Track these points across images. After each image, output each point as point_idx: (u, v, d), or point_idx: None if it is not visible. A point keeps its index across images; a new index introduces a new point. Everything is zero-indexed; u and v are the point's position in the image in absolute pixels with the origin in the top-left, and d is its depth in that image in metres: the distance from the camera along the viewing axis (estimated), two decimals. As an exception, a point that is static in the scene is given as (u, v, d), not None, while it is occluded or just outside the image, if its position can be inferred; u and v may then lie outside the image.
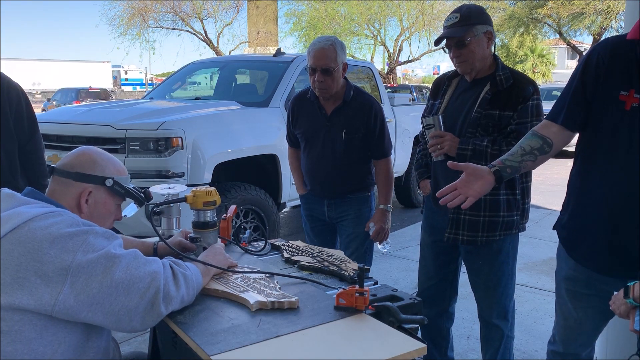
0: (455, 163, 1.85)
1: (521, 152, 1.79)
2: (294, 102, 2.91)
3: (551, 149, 1.78)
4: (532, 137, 1.80)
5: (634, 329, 1.43)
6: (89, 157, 1.50)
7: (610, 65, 1.62)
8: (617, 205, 1.67)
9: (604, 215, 1.72)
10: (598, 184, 1.72)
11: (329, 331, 1.36)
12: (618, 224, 1.69)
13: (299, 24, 23.51)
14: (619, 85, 1.60)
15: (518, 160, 1.79)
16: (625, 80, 1.59)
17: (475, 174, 1.79)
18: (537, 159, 1.79)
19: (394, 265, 4.66)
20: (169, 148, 3.81)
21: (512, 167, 1.80)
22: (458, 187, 1.78)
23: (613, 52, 1.63)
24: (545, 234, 5.41)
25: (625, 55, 1.61)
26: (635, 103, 1.57)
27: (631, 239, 1.66)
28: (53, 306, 1.21)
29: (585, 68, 1.69)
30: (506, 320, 2.43)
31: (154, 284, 1.33)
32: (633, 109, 1.57)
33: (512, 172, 1.80)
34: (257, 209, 4.37)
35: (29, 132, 2.50)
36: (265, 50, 13.22)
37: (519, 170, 1.81)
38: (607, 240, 1.72)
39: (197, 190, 1.84)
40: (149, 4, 20.62)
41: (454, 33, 2.18)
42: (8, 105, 2.43)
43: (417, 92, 16.74)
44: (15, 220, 1.26)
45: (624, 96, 1.58)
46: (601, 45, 1.68)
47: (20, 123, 2.47)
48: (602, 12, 18.56)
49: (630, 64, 1.59)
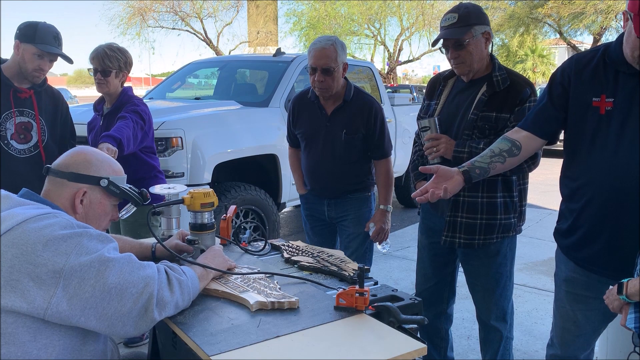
0: (426, 167, 1.93)
1: (490, 154, 1.87)
2: (294, 102, 2.90)
3: (520, 152, 1.86)
4: (502, 141, 1.89)
5: (625, 325, 1.49)
6: (84, 157, 1.49)
7: (576, 76, 1.75)
8: (606, 207, 1.71)
9: (596, 216, 1.75)
10: (584, 189, 1.76)
11: (329, 331, 1.36)
12: (611, 224, 1.72)
13: (299, 24, 23.50)
14: (590, 92, 1.71)
15: (487, 162, 1.86)
16: (595, 87, 1.70)
17: (445, 175, 1.86)
18: (505, 161, 1.87)
19: (394, 266, 4.66)
20: (168, 148, 3.81)
21: (481, 168, 1.86)
22: (429, 189, 1.84)
23: (578, 64, 1.76)
24: (545, 234, 5.40)
25: (590, 64, 1.73)
26: (609, 107, 1.67)
27: (626, 239, 1.68)
28: (46, 310, 1.20)
29: (552, 84, 1.82)
30: (505, 321, 2.42)
31: (148, 289, 1.31)
32: (608, 112, 1.67)
33: (480, 172, 1.87)
34: (257, 209, 4.37)
35: (69, 141, 2.86)
36: (265, 50, 13.23)
37: (487, 171, 1.87)
38: (603, 242, 1.74)
39: (195, 192, 1.82)
40: (148, 4, 20.61)
41: (452, 34, 2.16)
42: (59, 114, 2.82)
43: (417, 91, 16.71)
44: (9, 221, 1.25)
45: (597, 102, 1.69)
46: (566, 62, 1.82)
47: (64, 131, 2.85)
48: (603, 12, 18.53)
49: (596, 71, 1.71)
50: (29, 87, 2.69)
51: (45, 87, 2.78)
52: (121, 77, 2.92)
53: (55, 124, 2.80)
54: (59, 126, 2.83)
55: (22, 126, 2.67)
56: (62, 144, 2.82)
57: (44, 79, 2.74)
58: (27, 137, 2.68)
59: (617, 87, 1.66)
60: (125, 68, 2.91)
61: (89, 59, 2.92)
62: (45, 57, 2.60)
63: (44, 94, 2.77)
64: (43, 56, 2.59)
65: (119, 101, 2.93)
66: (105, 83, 2.87)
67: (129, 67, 2.95)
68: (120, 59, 2.88)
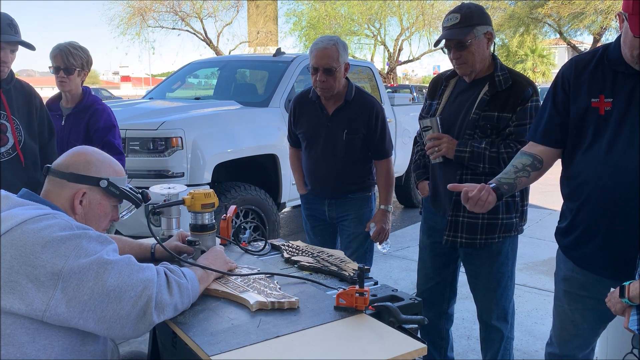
0: (454, 185, 1.93)
1: (514, 170, 1.87)
2: (295, 101, 2.90)
3: (542, 165, 1.87)
4: (523, 156, 1.89)
5: (628, 327, 1.49)
6: (84, 158, 1.48)
7: (576, 79, 1.76)
8: (602, 206, 1.72)
9: (591, 216, 1.76)
10: (581, 189, 1.77)
11: (329, 331, 1.36)
12: (606, 224, 1.73)
13: (299, 24, 23.50)
14: (589, 94, 1.72)
15: (513, 177, 1.86)
16: (594, 88, 1.71)
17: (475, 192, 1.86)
18: (530, 175, 1.86)
19: (394, 266, 4.66)
20: (168, 148, 3.81)
21: (509, 184, 1.86)
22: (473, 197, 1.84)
23: (577, 66, 1.77)
24: (546, 234, 5.40)
25: (589, 65, 1.74)
26: (607, 107, 1.68)
27: (621, 239, 1.68)
28: (44, 312, 1.20)
29: (554, 90, 1.83)
30: (506, 321, 2.42)
31: (147, 292, 1.31)
32: (607, 112, 1.68)
33: (509, 188, 1.87)
34: (257, 209, 4.36)
35: (48, 136, 2.70)
36: (265, 50, 13.22)
37: (515, 186, 1.87)
38: (599, 241, 1.75)
39: (195, 192, 1.81)
40: (148, 4, 20.61)
41: (454, 35, 2.15)
42: (34, 109, 2.61)
43: (417, 91, 16.73)
44: (8, 222, 1.24)
45: (596, 103, 1.71)
46: (566, 64, 1.83)
47: (41, 127, 2.66)
48: (603, 12, 18.53)
49: (595, 72, 1.72)
50: None
51: (14, 82, 2.54)
52: (82, 76, 2.91)
53: (31, 121, 2.60)
54: (36, 122, 2.62)
55: None
56: (41, 140, 2.65)
57: (11, 74, 2.52)
58: (2, 140, 2.48)
59: (616, 87, 1.67)
60: (87, 67, 2.91)
61: (50, 57, 2.88)
62: (5, 47, 2.35)
63: (14, 91, 2.53)
64: (3, 47, 2.34)
65: (83, 103, 2.93)
66: (68, 81, 2.86)
67: (90, 66, 2.94)
68: (83, 57, 2.87)
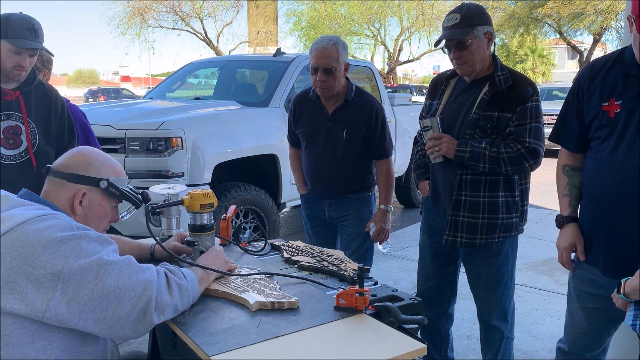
0: None
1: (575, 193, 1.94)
2: (295, 101, 2.90)
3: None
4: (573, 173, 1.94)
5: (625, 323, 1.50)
6: (84, 158, 1.47)
7: (589, 85, 1.80)
8: (603, 206, 1.75)
9: (594, 216, 1.79)
10: (594, 188, 1.79)
11: (329, 331, 1.36)
12: (608, 224, 1.75)
13: (299, 24, 23.52)
14: (600, 98, 1.76)
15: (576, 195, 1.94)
16: (604, 92, 1.75)
17: None
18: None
19: (394, 266, 4.66)
20: (168, 148, 3.81)
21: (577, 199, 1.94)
22: None
23: (592, 70, 1.82)
24: (546, 234, 5.40)
25: (604, 69, 1.77)
26: (617, 109, 1.71)
27: (622, 238, 1.69)
28: (44, 312, 1.20)
29: (573, 96, 1.89)
30: (506, 321, 2.42)
31: (147, 293, 1.30)
32: (617, 114, 1.71)
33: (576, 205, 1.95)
34: (257, 209, 4.36)
35: (68, 141, 2.67)
36: (265, 50, 13.22)
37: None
38: (603, 241, 1.77)
39: (194, 193, 1.81)
40: (148, 4, 20.62)
41: (454, 35, 2.15)
42: (53, 113, 2.59)
43: (417, 91, 16.74)
44: (8, 222, 1.24)
45: (606, 106, 1.74)
46: (583, 69, 1.90)
47: (61, 131, 2.63)
48: (603, 12, 18.54)
49: (608, 75, 1.75)
50: (14, 88, 2.44)
51: (36, 84, 2.52)
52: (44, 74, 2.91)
53: (49, 125, 2.56)
54: (55, 126, 2.59)
55: (10, 130, 2.45)
56: (59, 145, 2.60)
57: (33, 76, 2.51)
58: (16, 142, 2.46)
59: (626, 89, 1.69)
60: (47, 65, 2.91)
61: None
62: (23, 52, 2.33)
63: (34, 93, 2.51)
64: (20, 52, 2.32)
65: None
66: None
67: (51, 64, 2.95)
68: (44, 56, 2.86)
